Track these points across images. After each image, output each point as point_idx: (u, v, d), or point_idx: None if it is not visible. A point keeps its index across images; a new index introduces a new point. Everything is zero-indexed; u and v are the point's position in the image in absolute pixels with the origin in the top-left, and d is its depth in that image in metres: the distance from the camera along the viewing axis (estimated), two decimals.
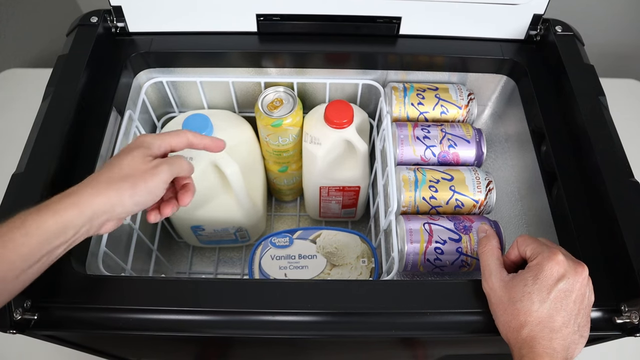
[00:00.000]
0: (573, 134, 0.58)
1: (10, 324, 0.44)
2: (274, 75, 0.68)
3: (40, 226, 0.38)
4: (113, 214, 0.41)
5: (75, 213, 0.39)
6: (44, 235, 0.38)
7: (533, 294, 0.42)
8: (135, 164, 0.43)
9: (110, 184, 0.41)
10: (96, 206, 0.40)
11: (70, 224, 0.39)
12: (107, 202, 0.40)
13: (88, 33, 0.62)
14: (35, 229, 0.38)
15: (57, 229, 0.38)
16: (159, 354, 0.66)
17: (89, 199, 0.40)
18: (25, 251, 0.37)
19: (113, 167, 0.42)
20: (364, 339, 0.51)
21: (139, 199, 0.42)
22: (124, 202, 0.41)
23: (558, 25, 0.65)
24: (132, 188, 0.41)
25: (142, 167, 0.43)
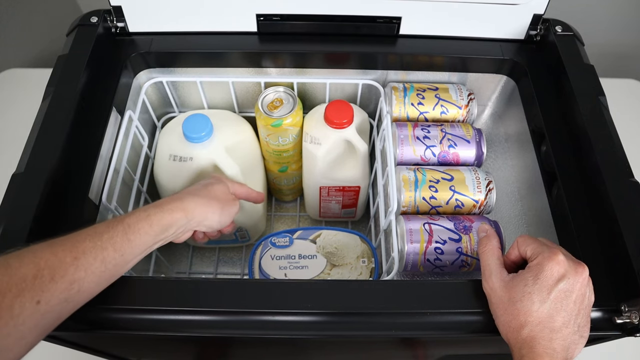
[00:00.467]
0: (573, 134, 0.58)
1: None
2: (274, 75, 0.68)
3: (160, 221, 0.46)
4: (203, 223, 0.52)
5: (181, 215, 0.48)
6: (160, 228, 0.46)
7: (533, 294, 0.42)
8: (224, 192, 0.55)
9: (208, 201, 0.52)
10: (196, 214, 0.50)
11: (176, 223, 0.48)
12: (204, 213, 0.51)
13: (88, 33, 0.62)
14: (157, 222, 0.46)
15: (169, 225, 0.47)
16: (159, 354, 0.66)
17: (193, 207, 0.49)
18: (146, 240, 0.45)
19: (208, 190, 0.53)
20: (364, 339, 0.51)
21: (222, 218, 0.54)
22: (214, 218, 0.52)
23: (558, 25, 0.65)
24: (222, 209, 0.53)
25: (228, 197, 0.56)
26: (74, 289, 0.39)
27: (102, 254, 0.41)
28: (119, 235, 0.42)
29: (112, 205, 0.56)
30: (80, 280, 0.39)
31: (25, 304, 0.36)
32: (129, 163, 0.61)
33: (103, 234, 0.42)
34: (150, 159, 0.68)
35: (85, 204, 0.53)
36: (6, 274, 0.36)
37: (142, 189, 0.65)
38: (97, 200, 0.55)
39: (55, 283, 0.38)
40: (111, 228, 0.43)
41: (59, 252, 0.39)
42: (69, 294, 0.39)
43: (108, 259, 0.41)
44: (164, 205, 0.47)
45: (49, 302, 0.37)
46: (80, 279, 0.39)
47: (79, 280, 0.39)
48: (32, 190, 0.49)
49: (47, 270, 0.37)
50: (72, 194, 0.52)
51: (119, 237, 0.42)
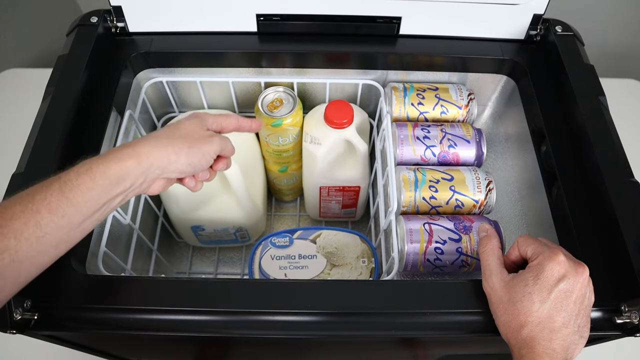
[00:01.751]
0: (573, 134, 0.58)
1: (10, 324, 0.44)
2: (274, 75, 0.68)
3: (105, 172, 0.39)
4: (167, 169, 0.44)
5: (134, 163, 0.41)
6: (107, 181, 0.40)
7: (533, 294, 0.42)
8: (194, 129, 0.47)
9: (169, 141, 0.44)
10: (153, 159, 0.42)
11: (130, 173, 0.41)
12: (165, 156, 0.43)
13: (88, 33, 0.62)
14: (100, 175, 0.39)
15: (119, 176, 0.40)
16: (159, 354, 0.66)
17: (148, 151, 0.42)
18: (91, 196, 0.39)
19: (173, 129, 0.46)
20: (364, 339, 0.51)
21: (192, 159, 0.45)
22: (180, 160, 0.44)
23: (558, 25, 0.65)
24: (189, 148, 0.45)
25: (200, 133, 0.47)
26: (4, 259, 0.35)
27: (34, 218, 0.36)
28: (54, 194, 0.37)
29: None
30: (11, 249, 0.35)
31: None
32: None
33: (35, 195, 0.37)
34: None
35: None
36: None
37: None
38: None
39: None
40: (45, 188, 0.38)
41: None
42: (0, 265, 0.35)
43: (43, 222, 0.36)
44: (110, 154, 0.41)
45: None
46: (11, 247, 0.35)
47: (9, 250, 0.35)
48: None
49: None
50: None
51: (54, 197, 0.37)
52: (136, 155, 0.41)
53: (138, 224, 0.63)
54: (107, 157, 0.40)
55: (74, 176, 0.39)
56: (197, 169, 0.47)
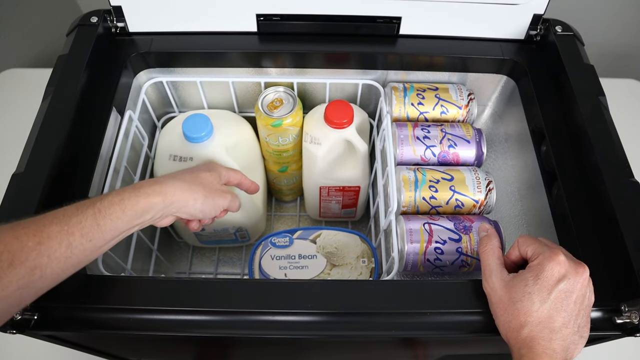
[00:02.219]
0: (573, 134, 0.58)
1: (10, 324, 0.44)
2: (274, 75, 0.68)
3: (134, 206, 0.43)
4: (183, 210, 0.49)
5: (159, 200, 0.45)
6: (134, 213, 0.43)
7: (533, 294, 0.42)
8: (213, 182, 0.53)
9: (191, 186, 0.49)
10: (175, 199, 0.47)
11: (153, 208, 0.45)
12: (185, 199, 0.48)
13: (88, 33, 0.62)
14: (130, 207, 0.43)
15: (144, 210, 0.44)
16: (159, 354, 0.66)
17: (172, 191, 0.47)
18: (118, 225, 0.42)
19: (195, 176, 0.51)
20: (364, 339, 0.51)
21: (204, 207, 0.51)
22: (196, 205, 0.50)
23: (558, 25, 0.65)
24: (205, 197, 0.50)
25: (217, 187, 0.53)
26: (35, 274, 0.37)
27: (68, 239, 0.39)
28: (88, 219, 0.40)
29: None
30: (43, 267, 0.37)
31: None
32: (129, 163, 0.61)
33: (71, 218, 0.40)
34: (150, 159, 0.68)
35: None
36: None
37: None
38: None
39: (14, 269, 0.36)
40: (80, 212, 0.40)
41: (22, 235, 0.37)
42: (30, 280, 0.37)
43: (75, 244, 0.39)
44: (141, 189, 0.44)
45: (6, 288, 0.35)
46: (43, 265, 0.37)
47: (41, 267, 0.37)
48: (32, 190, 0.49)
49: (5, 255, 0.36)
50: (72, 194, 0.52)
51: (88, 222, 0.40)
52: (162, 193, 0.46)
53: None
54: (138, 192, 0.44)
55: (107, 204, 0.42)
56: (205, 216, 0.52)
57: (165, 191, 0.46)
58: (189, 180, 0.50)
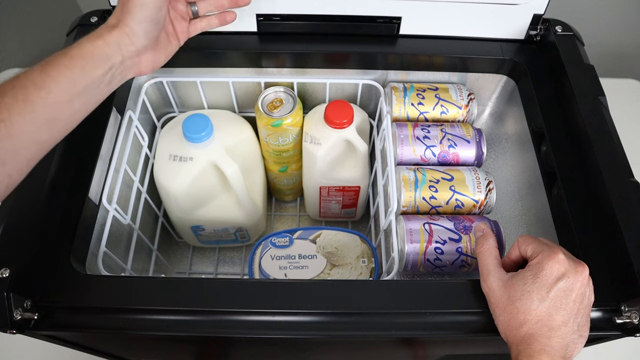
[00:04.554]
0: (573, 134, 0.58)
1: (10, 324, 0.44)
2: (274, 75, 0.68)
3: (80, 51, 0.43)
4: (135, 43, 0.46)
5: (101, 42, 0.44)
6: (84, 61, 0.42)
7: (533, 292, 0.42)
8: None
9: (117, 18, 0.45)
10: (116, 37, 0.44)
11: (102, 52, 0.44)
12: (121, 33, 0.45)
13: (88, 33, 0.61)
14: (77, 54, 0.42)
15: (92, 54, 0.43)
16: (159, 354, 0.66)
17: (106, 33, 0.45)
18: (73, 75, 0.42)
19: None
20: (364, 339, 0.51)
21: (139, 16, 0.45)
22: (133, 29, 0.45)
23: (558, 25, 0.65)
24: (128, 12, 0.45)
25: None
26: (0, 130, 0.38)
27: (22, 93, 0.39)
28: (36, 72, 0.41)
29: (112, 205, 0.56)
30: (5, 121, 0.38)
31: None
32: (129, 163, 0.61)
33: (20, 76, 0.40)
34: (150, 159, 0.68)
35: (85, 204, 0.53)
36: None
37: (142, 188, 0.65)
38: (97, 200, 0.55)
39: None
40: (29, 70, 0.41)
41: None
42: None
43: (31, 97, 0.40)
44: (84, 37, 0.44)
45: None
46: (5, 119, 0.38)
47: (3, 121, 0.38)
48: (32, 190, 0.49)
49: None
50: (72, 194, 0.52)
51: (37, 74, 0.40)
52: (100, 35, 0.44)
53: (138, 224, 0.63)
54: (80, 40, 0.44)
55: (52, 58, 0.42)
56: (159, 21, 0.48)
57: (101, 32, 0.44)
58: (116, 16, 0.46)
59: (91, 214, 0.54)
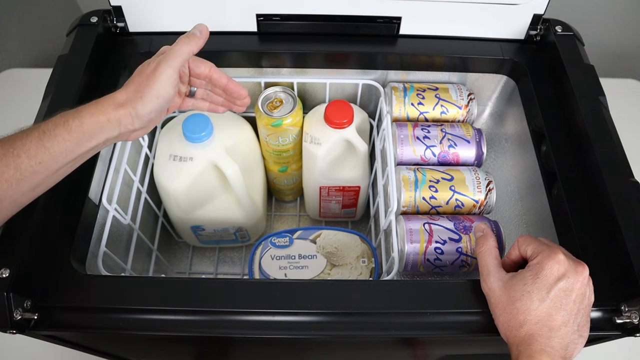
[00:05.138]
0: (573, 134, 0.58)
1: (10, 324, 0.44)
2: (274, 75, 0.68)
3: (79, 127, 0.42)
4: (135, 124, 0.45)
5: (104, 119, 0.43)
6: (82, 134, 0.42)
7: (532, 292, 0.42)
8: (142, 69, 0.46)
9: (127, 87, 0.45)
10: (119, 116, 0.44)
11: (102, 128, 0.43)
12: (126, 114, 0.44)
13: (88, 33, 0.62)
14: (76, 128, 0.42)
15: (92, 131, 0.43)
16: (159, 353, 0.66)
17: (111, 110, 0.44)
18: (67, 147, 0.42)
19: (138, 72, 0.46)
20: (363, 339, 0.51)
21: (150, 107, 0.45)
22: (140, 114, 0.45)
23: (558, 25, 0.65)
24: (141, 99, 0.44)
25: (146, 72, 0.46)
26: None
27: (15, 161, 0.40)
28: (33, 142, 0.41)
29: (112, 205, 0.56)
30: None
31: None
32: (129, 163, 0.61)
33: (16, 141, 0.40)
34: (150, 159, 0.68)
35: (85, 204, 0.53)
36: None
37: (142, 188, 0.65)
38: (97, 200, 0.55)
39: None
40: (25, 135, 0.41)
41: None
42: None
43: (23, 166, 0.40)
44: (84, 109, 0.43)
45: None
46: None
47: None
48: None
49: None
50: (72, 194, 0.52)
51: (33, 144, 0.41)
52: (104, 112, 0.43)
53: (138, 224, 0.63)
54: (82, 112, 0.43)
55: (52, 127, 0.41)
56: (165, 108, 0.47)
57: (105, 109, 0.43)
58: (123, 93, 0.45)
59: (91, 214, 0.54)
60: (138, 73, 0.46)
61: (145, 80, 0.45)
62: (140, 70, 0.46)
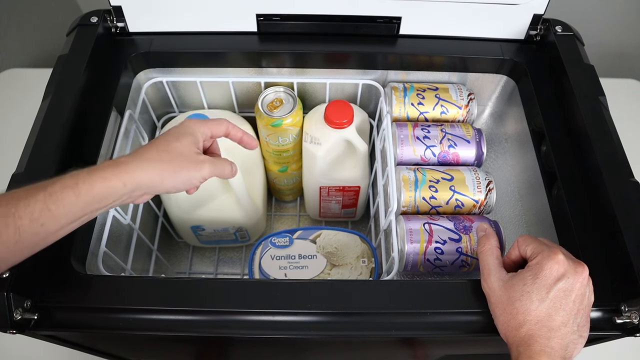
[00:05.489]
0: (573, 134, 0.58)
1: (10, 324, 0.44)
2: (274, 75, 0.68)
3: (90, 190, 0.40)
4: (152, 189, 0.44)
5: (120, 184, 0.41)
6: (91, 198, 0.40)
7: (532, 292, 0.42)
8: (184, 150, 0.45)
9: (156, 164, 0.43)
10: (139, 181, 0.42)
11: (114, 193, 0.41)
12: (150, 179, 0.43)
13: (88, 33, 0.62)
14: (85, 192, 0.40)
15: (102, 195, 0.41)
16: (159, 353, 0.66)
17: (134, 174, 0.42)
18: (74, 210, 0.40)
19: (162, 148, 0.45)
20: (363, 339, 0.51)
21: (177, 184, 0.45)
22: (164, 183, 0.44)
23: (558, 25, 0.65)
24: (174, 174, 0.44)
25: (190, 157, 0.45)
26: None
27: (15, 223, 0.37)
28: (38, 204, 0.38)
29: None
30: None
31: None
32: None
33: (20, 202, 0.38)
34: None
35: None
36: None
37: None
38: None
39: None
40: (29, 195, 0.38)
41: None
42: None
43: (23, 228, 0.37)
44: (96, 172, 0.41)
45: None
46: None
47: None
48: None
49: None
50: None
51: (37, 206, 0.38)
52: (121, 177, 0.41)
53: (138, 224, 0.63)
54: (93, 175, 0.40)
55: (59, 189, 0.39)
56: (181, 190, 0.46)
57: (127, 174, 0.42)
58: (155, 157, 0.44)
59: None
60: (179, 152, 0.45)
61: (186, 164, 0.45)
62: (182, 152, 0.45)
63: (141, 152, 0.44)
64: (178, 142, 0.45)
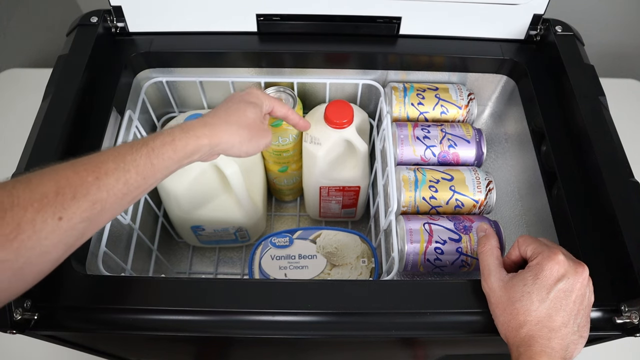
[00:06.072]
0: (573, 134, 0.58)
1: (10, 324, 0.44)
2: (274, 75, 0.68)
3: (185, 147, 0.44)
4: (229, 152, 0.49)
5: (207, 142, 0.46)
6: (183, 154, 0.44)
7: (532, 293, 0.42)
8: (255, 120, 0.52)
9: (238, 129, 0.49)
10: (223, 142, 0.48)
11: (201, 150, 0.46)
12: (230, 141, 0.48)
13: (88, 33, 0.62)
14: (182, 148, 0.44)
15: (193, 151, 0.45)
16: (159, 353, 0.66)
17: (220, 135, 0.47)
18: (169, 164, 0.43)
19: (240, 115, 0.50)
20: (363, 339, 0.51)
21: (249, 149, 0.51)
22: (242, 148, 0.50)
23: (558, 25, 0.65)
24: (249, 140, 0.50)
25: (260, 126, 0.52)
26: (96, 209, 0.38)
27: (124, 176, 0.40)
28: (142, 158, 0.41)
29: None
30: (103, 201, 0.38)
31: (47, 220, 0.35)
32: None
33: (126, 156, 0.41)
34: None
35: None
36: (27, 190, 0.36)
37: None
38: None
39: (77, 201, 0.37)
40: (135, 150, 0.41)
41: (81, 171, 0.38)
42: (92, 214, 0.38)
43: (130, 181, 0.40)
44: (190, 131, 0.45)
45: (71, 220, 0.36)
46: (103, 199, 0.38)
47: (101, 201, 0.38)
48: None
49: (68, 189, 0.37)
50: None
51: (142, 160, 0.41)
52: (211, 136, 0.46)
53: (138, 224, 0.63)
54: (187, 133, 0.45)
55: (160, 144, 0.43)
56: (247, 155, 0.52)
57: (214, 134, 0.47)
58: (236, 121, 0.49)
59: None
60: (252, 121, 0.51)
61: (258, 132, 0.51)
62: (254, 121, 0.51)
63: (222, 115, 0.49)
64: (253, 111, 0.51)
